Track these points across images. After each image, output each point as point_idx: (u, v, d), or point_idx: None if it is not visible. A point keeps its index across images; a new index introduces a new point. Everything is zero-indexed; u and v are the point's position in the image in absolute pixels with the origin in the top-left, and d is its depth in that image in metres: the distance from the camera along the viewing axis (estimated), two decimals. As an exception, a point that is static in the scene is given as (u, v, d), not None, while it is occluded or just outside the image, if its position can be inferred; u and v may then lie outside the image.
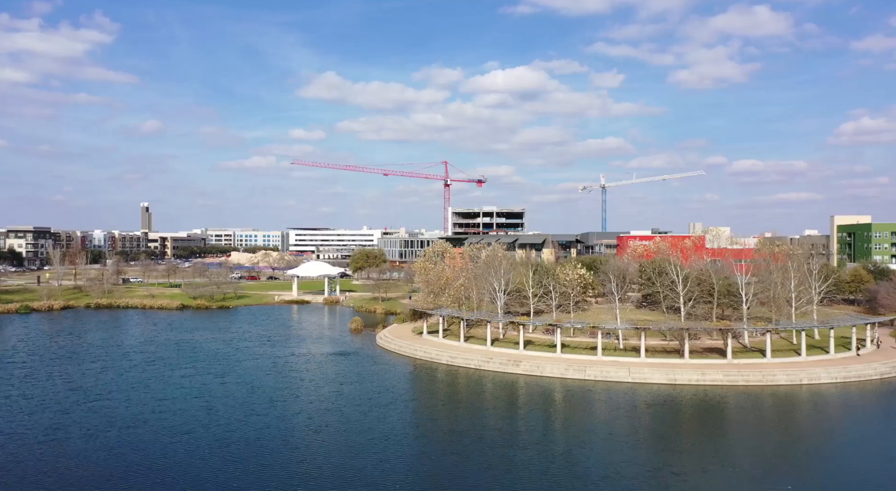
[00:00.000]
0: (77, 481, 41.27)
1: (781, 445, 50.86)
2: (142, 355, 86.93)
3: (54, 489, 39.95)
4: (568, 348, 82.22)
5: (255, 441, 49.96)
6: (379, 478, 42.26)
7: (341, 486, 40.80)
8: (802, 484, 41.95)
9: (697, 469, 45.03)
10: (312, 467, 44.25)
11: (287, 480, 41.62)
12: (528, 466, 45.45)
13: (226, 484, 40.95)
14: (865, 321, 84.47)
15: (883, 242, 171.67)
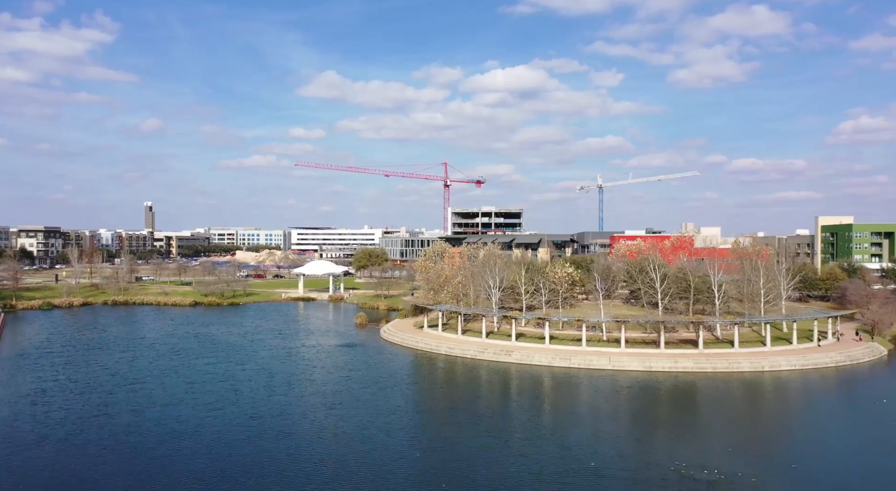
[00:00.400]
0: (133, 444, 49.20)
1: (738, 419, 58.94)
2: (166, 346, 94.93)
3: (116, 450, 47.86)
4: (556, 340, 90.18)
5: (278, 416, 57.96)
6: (386, 443, 50.27)
7: (354, 450, 48.75)
8: (754, 448, 49.95)
9: (669, 439, 53.03)
10: (329, 436, 52.20)
11: (308, 446, 49.61)
12: (518, 436, 53.46)
13: (256, 448, 48.92)
14: (827, 315, 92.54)
15: (863, 242, 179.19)
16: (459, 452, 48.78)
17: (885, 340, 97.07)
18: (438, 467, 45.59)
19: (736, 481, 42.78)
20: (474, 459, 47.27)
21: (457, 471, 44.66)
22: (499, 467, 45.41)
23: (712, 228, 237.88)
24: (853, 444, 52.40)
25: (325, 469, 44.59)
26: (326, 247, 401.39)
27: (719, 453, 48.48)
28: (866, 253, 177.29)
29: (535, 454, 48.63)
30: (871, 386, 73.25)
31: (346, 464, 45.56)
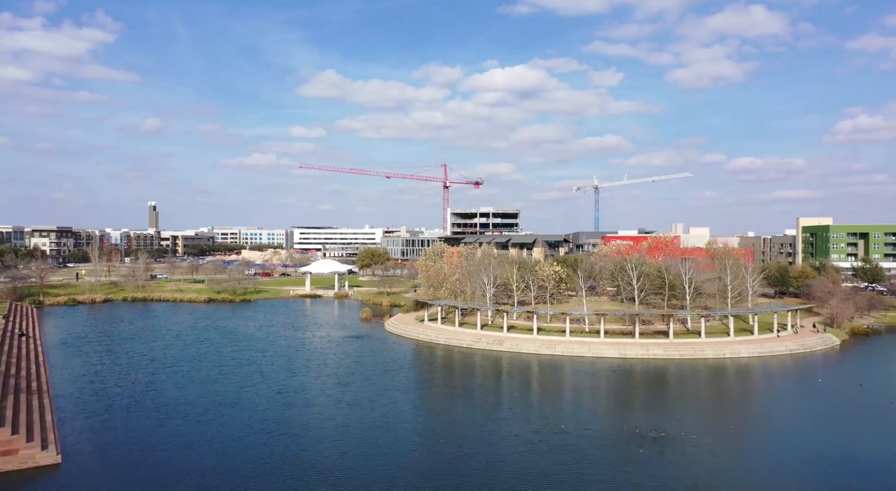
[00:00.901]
0: (183, 412, 59.28)
1: (694, 395, 69.17)
2: (191, 337, 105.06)
3: (171, 416, 57.93)
4: (543, 331, 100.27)
5: (300, 391, 68.12)
6: (393, 412, 60.45)
7: (366, 416, 58.89)
8: (701, 416, 60.15)
9: (632, 410, 63.22)
10: (344, 406, 62.33)
11: (328, 413, 59.78)
12: (504, 407, 63.65)
13: (285, 414, 59.05)
14: (786, 309, 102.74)
15: (840, 242, 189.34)
16: (455, 419, 58.99)
17: (842, 332, 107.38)
18: (437, 430, 55.78)
19: (678, 439, 52.96)
20: (467, 423, 57.46)
21: (452, 432, 54.84)
22: (486, 429, 55.59)
23: (701, 229, 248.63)
24: (785, 412, 62.71)
25: (344, 429, 54.73)
26: (329, 246, 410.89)
27: (671, 420, 58.63)
28: (843, 252, 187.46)
29: (517, 420, 58.83)
30: (815, 369, 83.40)
31: (361, 426, 55.70)
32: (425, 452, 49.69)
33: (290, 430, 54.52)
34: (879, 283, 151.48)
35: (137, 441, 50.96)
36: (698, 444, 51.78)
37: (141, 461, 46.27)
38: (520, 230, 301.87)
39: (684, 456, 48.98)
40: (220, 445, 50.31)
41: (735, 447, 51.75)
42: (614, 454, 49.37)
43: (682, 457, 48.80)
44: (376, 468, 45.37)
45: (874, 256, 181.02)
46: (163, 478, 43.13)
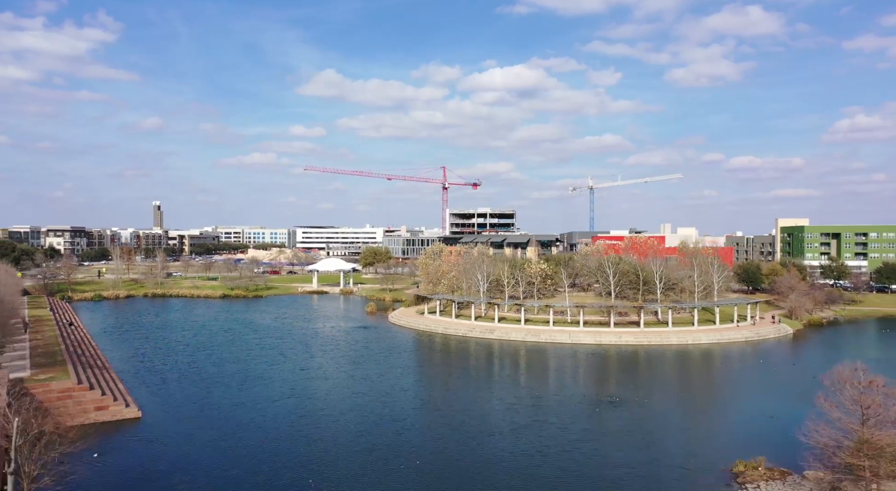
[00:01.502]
0: (225, 384, 71.75)
1: (653, 372, 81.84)
2: (215, 327, 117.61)
3: (215, 386, 70.42)
4: (530, 322, 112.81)
5: (319, 368, 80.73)
6: (399, 383, 73.01)
7: (376, 386, 71.44)
8: (656, 386, 72.75)
9: (597, 383, 75.80)
10: (356, 381, 74.84)
11: (343, 384, 72.37)
12: (496, 381, 76.22)
13: (308, 386, 71.58)
14: (746, 302, 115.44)
15: (814, 242, 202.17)
16: (451, 389, 71.62)
17: (799, 323, 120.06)
18: (436, 397, 68.42)
19: (629, 402, 65.57)
20: (461, 393, 70.08)
21: (448, 400, 67.48)
22: (476, 397, 68.22)
23: (688, 229, 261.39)
24: (726, 384, 75.44)
25: (358, 396, 67.31)
26: (332, 245, 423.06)
27: (629, 389, 71.23)
28: (817, 251, 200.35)
29: (502, 390, 71.49)
30: (763, 353, 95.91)
31: (372, 394, 68.29)
32: (426, 412, 62.31)
33: (314, 395, 67.17)
34: (845, 279, 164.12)
35: (194, 403, 63.57)
36: (645, 406, 64.39)
37: (201, 416, 58.88)
38: (516, 230, 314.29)
39: (630, 413, 61.59)
40: (260, 405, 62.88)
41: (676, 408, 64.40)
42: (574, 412, 61.98)
43: (629, 413, 61.41)
44: (386, 424, 57.94)
45: (845, 254, 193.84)
46: (221, 427, 55.63)
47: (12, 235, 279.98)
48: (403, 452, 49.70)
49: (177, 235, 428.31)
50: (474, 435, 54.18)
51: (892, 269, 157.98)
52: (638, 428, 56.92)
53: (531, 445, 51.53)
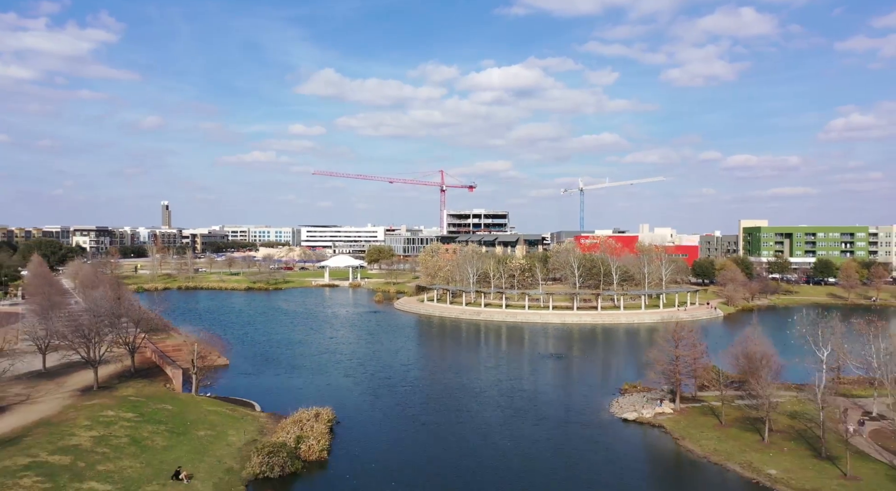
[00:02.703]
0: (273, 343, 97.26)
1: (602, 340, 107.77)
2: (251, 311, 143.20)
3: (266, 347, 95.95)
4: (510, 307, 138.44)
5: (343, 338, 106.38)
6: (403, 350, 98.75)
7: (385, 347, 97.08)
8: (591, 348, 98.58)
9: (555, 346, 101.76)
10: (369, 350, 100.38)
11: (361, 348, 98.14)
12: (482, 349, 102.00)
13: (336, 351, 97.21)
14: (686, 290, 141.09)
15: (769, 241, 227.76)
16: (446, 356, 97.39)
17: (733, 308, 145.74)
18: (434, 357, 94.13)
19: (567, 357, 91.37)
20: (454, 356, 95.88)
21: (443, 358, 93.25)
22: (463, 361, 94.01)
23: (664, 229, 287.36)
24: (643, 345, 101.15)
25: (371, 360, 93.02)
26: (338, 243, 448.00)
27: (573, 348, 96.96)
28: (772, 249, 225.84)
29: (484, 354, 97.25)
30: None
31: (385, 353, 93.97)
32: (425, 367, 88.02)
33: (342, 352, 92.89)
34: (788, 273, 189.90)
35: (258, 355, 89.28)
36: (578, 358, 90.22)
37: (276, 363, 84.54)
38: (509, 229, 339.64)
39: (566, 362, 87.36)
40: (306, 358, 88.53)
41: (600, 359, 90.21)
42: (529, 361, 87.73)
43: (565, 363, 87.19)
44: (395, 375, 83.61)
45: (797, 252, 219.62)
46: (290, 370, 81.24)
47: (45, 234, 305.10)
48: (408, 382, 75.51)
49: (189, 234, 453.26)
50: (461, 374, 79.96)
51: (825, 265, 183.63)
52: (566, 370, 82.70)
53: (498, 381, 77.32)
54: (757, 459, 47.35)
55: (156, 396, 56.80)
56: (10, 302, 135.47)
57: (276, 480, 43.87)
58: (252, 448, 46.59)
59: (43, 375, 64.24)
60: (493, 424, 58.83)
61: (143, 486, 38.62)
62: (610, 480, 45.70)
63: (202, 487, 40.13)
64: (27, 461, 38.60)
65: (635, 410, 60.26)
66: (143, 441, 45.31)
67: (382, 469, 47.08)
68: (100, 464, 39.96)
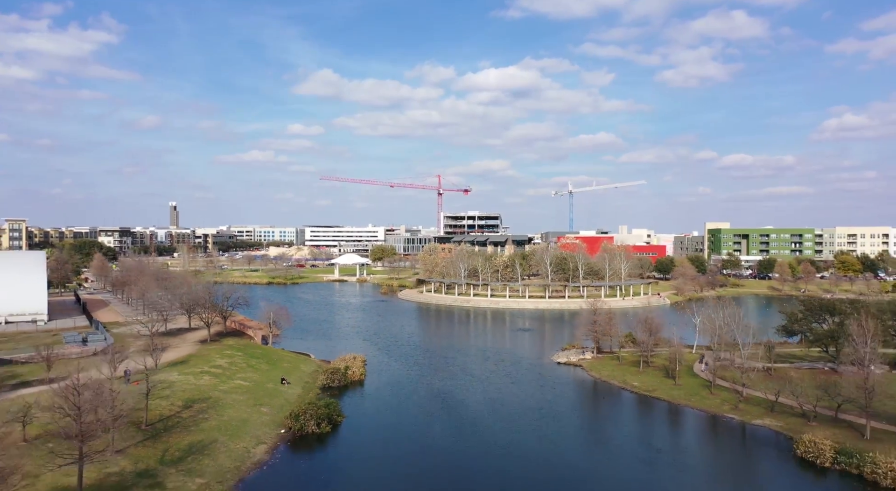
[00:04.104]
0: (305, 319, 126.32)
1: (570, 321, 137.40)
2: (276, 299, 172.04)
3: (298, 322, 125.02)
4: (494, 296, 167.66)
5: (354, 320, 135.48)
6: (405, 328, 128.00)
7: (391, 326, 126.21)
8: (557, 326, 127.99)
9: (528, 323, 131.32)
10: (381, 327, 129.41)
11: (372, 326, 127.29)
12: (472, 330, 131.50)
13: (351, 331, 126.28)
14: (641, 283, 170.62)
15: (728, 241, 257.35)
16: (441, 335, 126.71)
17: (680, 298, 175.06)
18: (432, 335, 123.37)
19: (537, 330, 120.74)
20: (448, 330, 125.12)
21: (439, 332, 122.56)
22: (455, 333, 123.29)
23: (641, 230, 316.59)
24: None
25: (384, 332, 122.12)
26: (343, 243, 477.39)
27: (543, 325, 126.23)
28: (731, 248, 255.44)
29: (473, 331, 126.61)
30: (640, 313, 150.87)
31: (389, 333, 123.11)
32: (425, 337, 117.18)
33: (361, 326, 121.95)
34: (739, 269, 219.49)
35: (305, 330, 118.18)
36: (543, 331, 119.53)
37: (314, 333, 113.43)
38: (502, 229, 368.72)
39: (533, 334, 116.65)
40: (332, 329, 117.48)
41: (557, 331, 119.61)
42: (504, 333, 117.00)
43: (532, 334, 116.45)
44: (402, 341, 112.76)
45: (752, 251, 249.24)
46: (325, 338, 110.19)
47: (76, 235, 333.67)
48: (413, 345, 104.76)
49: (202, 234, 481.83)
50: (452, 340, 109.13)
51: (769, 262, 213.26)
52: (530, 338, 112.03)
53: (482, 345, 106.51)
54: (630, 378, 76.69)
55: (248, 346, 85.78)
56: (87, 291, 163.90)
57: (335, 388, 72.83)
58: (318, 372, 75.70)
59: (166, 334, 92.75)
60: (475, 365, 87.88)
61: (265, 384, 67.68)
62: (546, 395, 74.62)
63: (296, 388, 69.14)
64: (200, 369, 67.51)
65: (567, 358, 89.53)
66: (255, 366, 74.31)
67: (398, 389, 75.93)
68: (238, 374, 68.90)
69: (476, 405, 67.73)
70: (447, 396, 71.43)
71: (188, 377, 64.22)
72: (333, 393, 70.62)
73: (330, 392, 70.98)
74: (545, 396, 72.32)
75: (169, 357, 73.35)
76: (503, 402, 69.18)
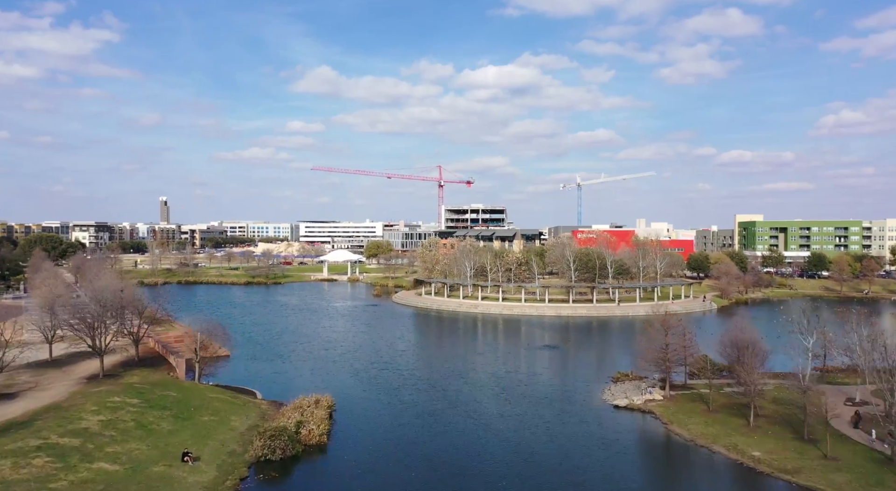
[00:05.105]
0: (275, 331, 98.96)
1: (596, 333, 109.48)
2: (253, 305, 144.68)
3: (274, 340, 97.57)
4: (507, 300, 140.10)
5: (341, 327, 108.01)
6: (401, 343, 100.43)
7: (387, 335, 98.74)
8: (585, 339, 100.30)
9: (567, 343, 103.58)
10: (367, 341, 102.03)
11: (362, 336, 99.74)
12: (484, 351, 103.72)
13: (340, 341, 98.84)
14: (681, 284, 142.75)
15: (764, 235, 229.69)
16: (443, 354, 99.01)
17: (726, 301, 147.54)
18: (431, 353, 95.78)
19: (562, 348, 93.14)
20: (451, 347, 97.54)
21: (441, 352, 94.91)
22: (460, 352, 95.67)
23: (660, 223, 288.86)
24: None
25: (370, 350, 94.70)
26: (337, 239, 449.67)
27: (568, 340, 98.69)
28: (766, 244, 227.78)
29: (483, 345, 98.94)
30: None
31: (382, 346, 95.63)
32: (423, 357, 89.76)
33: (341, 341, 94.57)
34: (782, 267, 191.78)
35: (267, 347, 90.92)
36: (573, 349, 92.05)
37: (276, 353, 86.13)
38: (507, 224, 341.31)
39: (561, 353, 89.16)
40: (312, 349, 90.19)
41: (593, 350, 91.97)
42: (525, 352, 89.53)
43: (559, 353, 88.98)
44: (393, 364, 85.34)
45: (791, 246, 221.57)
46: (290, 360, 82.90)
47: (45, 230, 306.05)
48: (406, 371, 77.26)
49: (188, 230, 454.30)
50: (458, 363, 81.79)
51: (819, 258, 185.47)
52: (561, 360, 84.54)
53: (495, 370, 79.12)
54: (742, 442, 49.08)
55: (160, 384, 58.30)
56: (13, 295, 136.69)
57: (278, 462, 45.49)
58: (254, 432, 48.27)
59: (50, 364, 65.73)
60: (490, 409, 60.59)
61: (151, 466, 40.22)
62: (602, 463, 47.37)
63: (207, 469, 41.71)
64: (38, 443, 40.14)
65: (626, 398, 61.96)
66: (149, 425, 46.90)
67: (380, 453, 48.74)
68: (108, 446, 41.54)
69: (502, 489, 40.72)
70: (456, 473, 44.28)
71: (2, 463, 36.86)
72: (273, 477, 43.50)
73: (268, 473, 43.85)
74: (611, 474, 45.00)
75: (13, 410, 46.13)
76: (544, 485, 42.04)
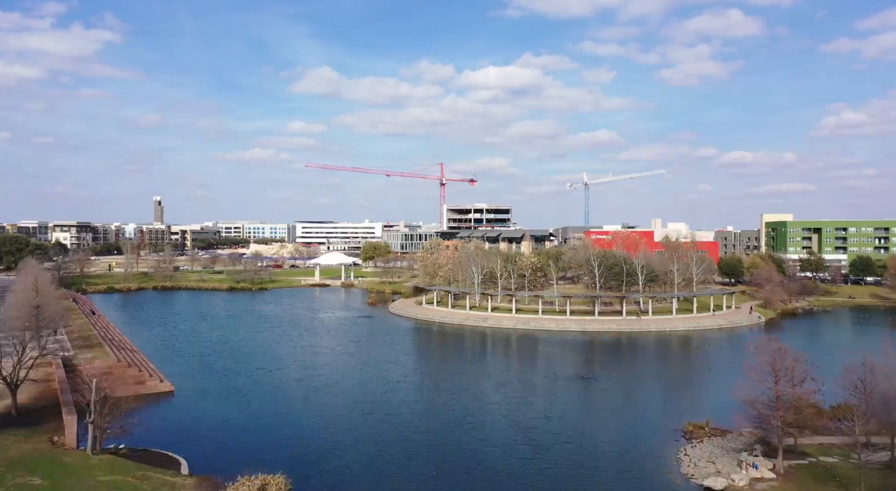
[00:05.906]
0: (243, 361, 79.99)
1: (648, 358, 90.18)
2: (226, 315, 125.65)
3: (239, 367, 78.61)
4: (521, 311, 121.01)
5: (329, 345, 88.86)
6: (390, 379, 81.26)
7: (379, 361, 79.70)
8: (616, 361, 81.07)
9: (601, 371, 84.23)
10: (354, 365, 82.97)
11: (351, 355, 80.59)
12: (499, 382, 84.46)
13: (319, 359, 79.77)
14: (722, 292, 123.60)
15: (796, 236, 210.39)
16: (448, 385, 79.90)
17: (772, 312, 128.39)
18: (431, 400, 76.73)
19: (597, 378, 73.91)
20: (459, 386, 78.39)
21: (445, 401, 75.78)
22: (471, 396, 76.53)
23: (678, 224, 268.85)
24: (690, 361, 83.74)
25: (355, 384, 75.63)
26: (333, 240, 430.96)
27: (601, 364, 79.59)
28: (799, 245, 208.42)
29: (505, 382, 79.78)
30: (730, 339, 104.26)
31: (373, 376, 76.57)
32: (420, 408, 70.61)
33: (315, 362, 75.51)
34: (822, 272, 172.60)
35: (223, 377, 71.88)
36: (612, 380, 72.88)
37: (233, 388, 67.12)
38: (512, 225, 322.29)
39: (598, 386, 70.01)
40: (281, 382, 71.23)
41: (639, 383, 72.84)
42: (549, 385, 70.42)
43: (597, 387, 69.83)
44: (382, 407, 66.27)
45: (826, 248, 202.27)
46: (248, 398, 63.92)
47: (21, 230, 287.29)
48: (399, 417, 58.18)
49: (179, 230, 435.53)
50: (465, 401, 62.67)
51: (865, 262, 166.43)
52: (604, 398, 65.41)
53: (515, 414, 59.96)
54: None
55: (26, 460, 39.20)
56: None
57: None
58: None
59: None
60: (518, 478, 41.57)
61: None
62: None
63: None
64: None
65: (719, 472, 42.67)
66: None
67: None
68: None
69: None
70: None
71: None
72: None
73: None
74: None
75: None
76: None
